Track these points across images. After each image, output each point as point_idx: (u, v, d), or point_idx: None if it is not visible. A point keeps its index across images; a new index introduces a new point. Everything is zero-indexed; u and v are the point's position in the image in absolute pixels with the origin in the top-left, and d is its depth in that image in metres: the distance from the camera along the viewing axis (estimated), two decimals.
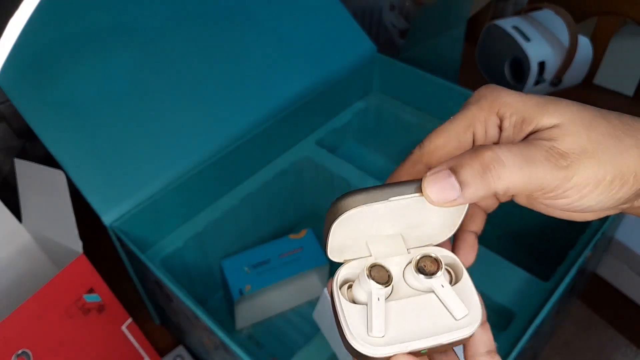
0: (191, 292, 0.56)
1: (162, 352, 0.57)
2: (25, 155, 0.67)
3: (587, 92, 0.92)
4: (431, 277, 0.23)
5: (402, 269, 0.24)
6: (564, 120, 0.21)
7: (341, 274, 0.24)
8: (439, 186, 0.20)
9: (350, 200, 0.22)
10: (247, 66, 0.58)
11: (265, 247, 0.58)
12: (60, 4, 0.50)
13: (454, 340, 0.22)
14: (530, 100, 0.22)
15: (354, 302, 0.23)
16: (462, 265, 0.24)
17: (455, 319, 0.22)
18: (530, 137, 0.22)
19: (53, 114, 0.48)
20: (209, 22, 0.57)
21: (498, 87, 0.23)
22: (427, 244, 0.25)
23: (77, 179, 0.47)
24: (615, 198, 0.21)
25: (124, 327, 0.50)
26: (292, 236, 0.59)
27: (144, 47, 0.53)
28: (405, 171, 0.24)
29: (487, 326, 0.23)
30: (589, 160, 0.20)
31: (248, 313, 0.58)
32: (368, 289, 0.22)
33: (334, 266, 0.25)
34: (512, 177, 0.20)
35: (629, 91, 0.94)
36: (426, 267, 0.23)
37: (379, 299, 0.22)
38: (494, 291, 0.46)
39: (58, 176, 0.47)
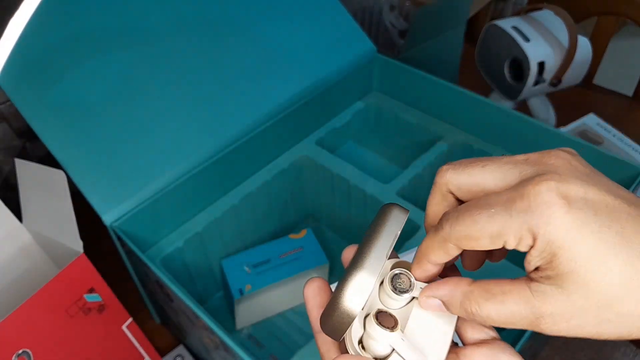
0: (191, 292, 0.56)
1: (163, 352, 0.57)
2: (26, 155, 0.67)
3: (587, 93, 0.92)
4: (411, 290, 0.24)
5: (378, 297, 0.24)
6: (579, 271, 0.19)
7: (355, 341, 0.23)
8: (428, 305, 0.23)
9: (348, 314, 0.21)
10: (247, 66, 0.58)
11: (265, 246, 0.58)
12: (61, 4, 0.50)
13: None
14: (581, 246, 0.18)
15: (376, 358, 0.23)
16: (400, 258, 0.25)
17: None
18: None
19: (53, 114, 0.48)
20: (208, 22, 0.57)
21: (558, 203, 0.19)
22: None
23: (77, 178, 0.47)
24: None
25: (124, 327, 0.50)
26: (292, 236, 0.59)
27: (144, 47, 0.53)
28: (437, 246, 0.23)
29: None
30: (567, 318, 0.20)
31: (248, 312, 0.58)
32: (387, 340, 0.22)
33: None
34: (488, 314, 0.21)
35: (628, 91, 0.94)
36: (402, 284, 0.24)
37: (402, 340, 0.22)
38: None
39: (58, 176, 0.47)
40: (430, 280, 0.24)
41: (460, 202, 0.24)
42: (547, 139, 0.55)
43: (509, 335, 0.42)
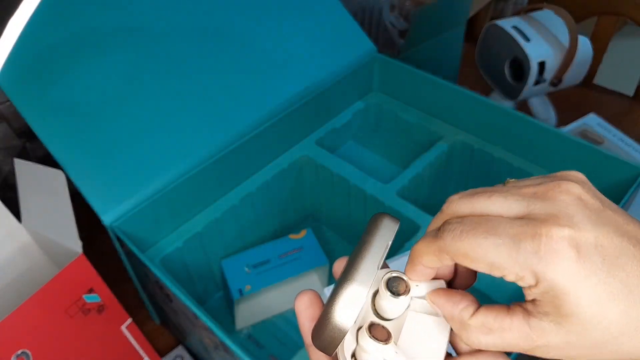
0: (191, 292, 0.56)
1: (162, 352, 0.57)
2: (26, 155, 0.67)
3: (587, 92, 0.92)
4: (407, 292, 0.23)
5: (372, 309, 0.24)
6: (580, 316, 0.19)
7: (347, 355, 0.23)
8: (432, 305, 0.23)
9: (340, 328, 0.21)
10: (248, 66, 0.58)
11: (265, 247, 0.58)
12: (60, 4, 0.50)
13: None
14: (585, 294, 0.19)
15: None
16: (392, 267, 0.25)
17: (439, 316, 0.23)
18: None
19: (53, 114, 0.48)
20: (209, 23, 0.57)
21: (568, 253, 0.19)
22: None
23: (77, 179, 0.47)
24: None
25: (123, 327, 0.50)
26: (292, 236, 0.59)
27: (143, 47, 0.53)
28: (431, 253, 0.22)
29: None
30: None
31: (248, 313, 0.58)
32: (381, 353, 0.22)
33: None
34: (486, 345, 0.21)
35: (629, 91, 0.94)
36: (398, 286, 0.23)
37: (396, 352, 0.22)
38: (494, 291, 0.46)
39: (58, 176, 0.47)
40: (425, 280, 0.24)
41: None
42: (547, 139, 0.55)
43: None
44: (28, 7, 0.48)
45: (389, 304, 0.23)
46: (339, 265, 0.24)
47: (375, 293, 0.24)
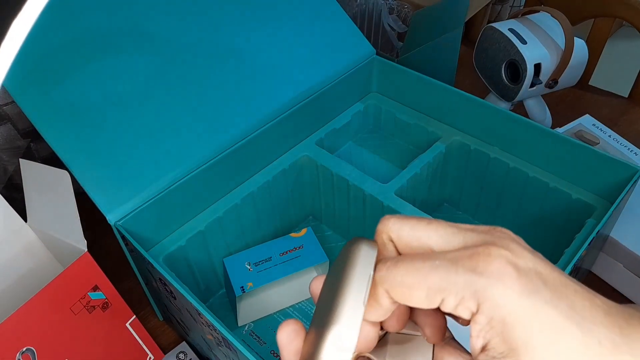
0: (194, 290, 0.57)
1: (166, 349, 0.58)
2: (30, 156, 0.67)
3: (582, 94, 0.93)
4: None
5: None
6: (534, 343, 0.17)
7: None
8: None
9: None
10: (250, 68, 0.59)
11: (266, 245, 0.59)
12: (65, 5, 0.50)
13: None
14: (534, 315, 0.17)
15: None
16: None
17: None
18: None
19: (58, 115, 0.48)
20: (211, 24, 0.58)
21: (508, 270, 0.18)
22: None
23: (81, 178, 0.47)
24: None
25: (128, 324, 0.50)
26: (292, 235, 0.60)
27: (148, 48, 0.54)
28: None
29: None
30: None
31: (250, 310, 0.58)
32: None
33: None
34: None
35: (624, 92, 0.95)
36: None
37: None
38: None
39: (63, 176, 0.47)
40: (368, 348, 0.21)
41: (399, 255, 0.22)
42: (543, 139, 0.56)
43: None
44: (33, 7, 0.48)
45: None
46: (317, 285, 0.23)
47: None
